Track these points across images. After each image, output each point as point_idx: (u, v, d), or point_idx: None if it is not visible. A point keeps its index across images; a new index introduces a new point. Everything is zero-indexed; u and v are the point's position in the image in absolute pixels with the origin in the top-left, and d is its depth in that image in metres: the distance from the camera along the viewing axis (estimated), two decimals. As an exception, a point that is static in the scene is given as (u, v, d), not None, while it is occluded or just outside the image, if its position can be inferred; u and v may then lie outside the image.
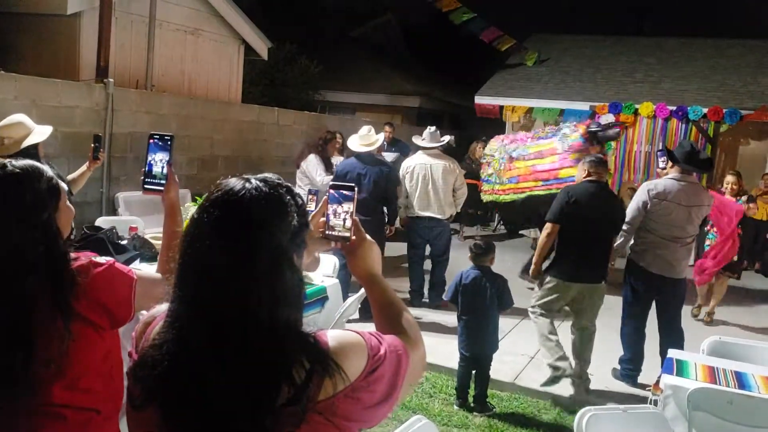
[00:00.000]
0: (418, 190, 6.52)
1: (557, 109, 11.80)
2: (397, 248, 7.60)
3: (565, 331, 5.04)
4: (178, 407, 1.07)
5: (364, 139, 6.29)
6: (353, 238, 1.38)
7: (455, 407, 4.44)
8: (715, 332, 4.94)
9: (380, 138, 6.45)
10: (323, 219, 1.40)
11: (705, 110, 10.64)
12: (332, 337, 1.12)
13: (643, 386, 4.72)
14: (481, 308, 4.40)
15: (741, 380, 3.37)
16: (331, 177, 6.65)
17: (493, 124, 12.99)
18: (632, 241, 5.00)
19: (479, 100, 12.58)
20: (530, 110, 12.08)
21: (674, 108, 10.87)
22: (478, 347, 4.44)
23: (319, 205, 1.42)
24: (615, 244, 4.81)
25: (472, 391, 4.49)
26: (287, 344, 1.07)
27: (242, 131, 9.21)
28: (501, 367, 5.04)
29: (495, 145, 7.89)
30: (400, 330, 1.27)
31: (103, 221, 5.65)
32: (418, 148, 6.84)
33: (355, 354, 1.11)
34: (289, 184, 1.20)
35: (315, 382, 1.05)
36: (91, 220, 5.90)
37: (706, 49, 13.18)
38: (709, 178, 10.89)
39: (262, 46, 11.02)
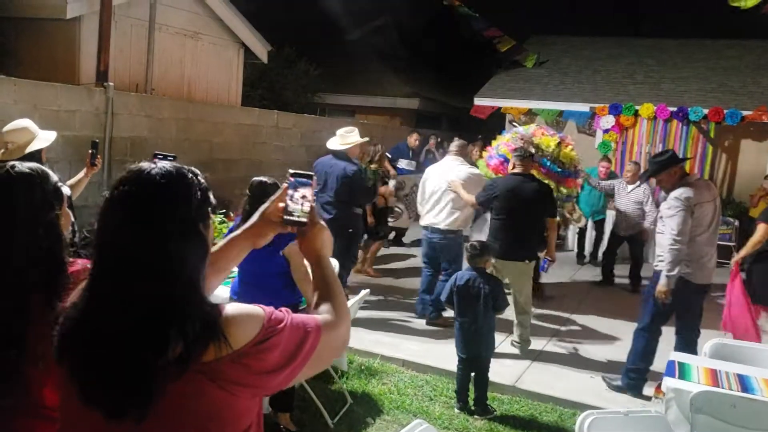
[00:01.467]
0: (420, 197, 6.32)
1: (557, 111, 11.80)
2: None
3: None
4: (80, 357, 1.21)
5: (342, 138, 6.25)
6: (308, 222, 1.49)
7: (456, 410, 4.43)
8: (717, 335, 4.93)
9: (355, 139, 6.24)
10: (282, 204, 1.51)
11: (705, 111, 10.65)
12: (229, 307, 1.23)
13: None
14: (474, 310, 4.38)
15: (744, 383, 3.36)
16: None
17: (492, 125, 12.98)
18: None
19: (478, 101, 12.57)
20: (530, 111, 12.08)
21: (675, 109, 10.87)
22: (473, 349, 4.42)
23: (279, 191, 1.54)
24: (668, 270, 4.52)
25: (472, 394, 4.48)
26: (186, 304, 1.19)
27: (242, 134, 9.21)
28: (501, 370, 5.03)
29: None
30: (326, 310, 1.38)
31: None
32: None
33: (246, 323, 1.21)
34: (194, 168, 1.33)
35: (200, 344, 1.15)
36: (92, 224, 5.89)
37: (705, 50, 13.17)
38: (709, 179, 10.90)
39: (261, 50, 11.03)
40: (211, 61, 10.25)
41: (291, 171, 1.58)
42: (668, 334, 4.81)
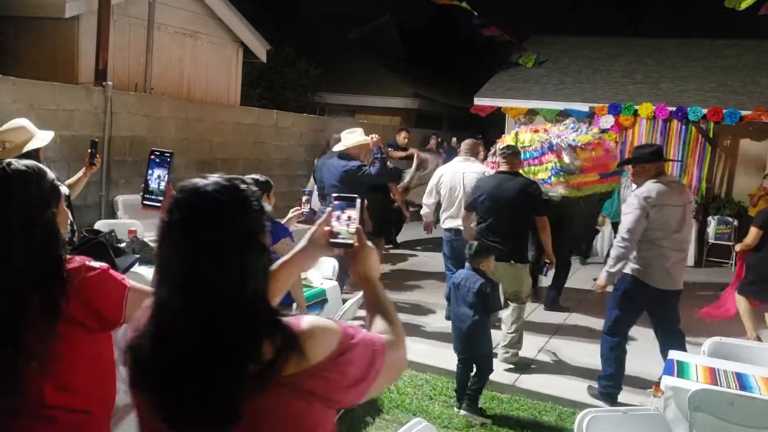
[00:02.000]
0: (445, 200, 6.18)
1: (556, 110, 11.80)
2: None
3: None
4: (157, 370, 1.20)
5: (344, 138, 6.15)
6: (356, 244, 1.51)
7: (455, 409, 4.43)
8: (715, 333, 4.93)
9: (357, 138, 6.11)
10: (327, 228, 1.54)
11: (704, 111, 10.65)
12: (306, 320, 1.25)
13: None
14: (465, 309, 4.36)
15: (742, 381, 3.36)
16: None
17: (492, 126, 12.99)
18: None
19: (478, 101, 12.57)
20: (530, 111, 12.09)
21: (674, 109, 10.87)
22: (467, 348, 4.41)
23: (324, 215, 1.56)
24: (610, 266, 4.53)
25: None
26: (258, 320, 1.20)
27: (241, 134, 9.21)
28: (501, 370, 5.04)
29: (527, 135, 7.03)
30: (384, 330, 1.41)
31: (102, 224, 5.64)
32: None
33: (323, 338, 1.23)
34: (242, 177, 1.33)
35: (282, 359, 1.17)
36: (90, 224, 5.89)
37: (704, 50, 13.18)
38: (708, 179, 10.91)
39: (260, 49, 11.03)
40: (210, 60, 10.25)
41: (335, 195, 1.62)
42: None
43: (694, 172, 10.81)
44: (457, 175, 6.09)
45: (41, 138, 3.62)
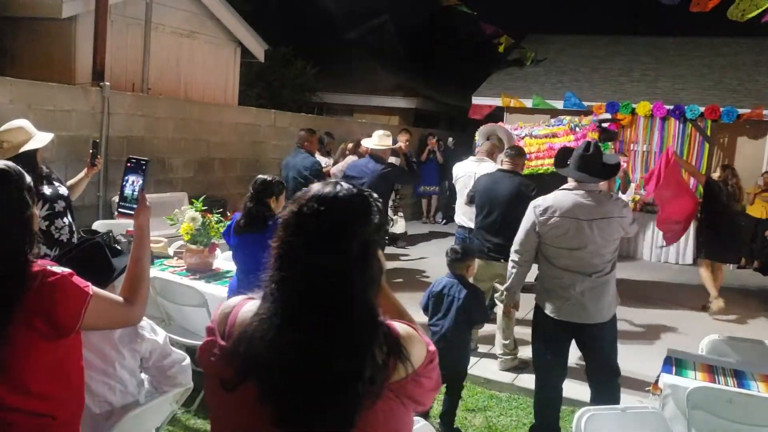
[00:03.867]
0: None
1: (554, 109, 11.80)
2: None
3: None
4: (278, 378, 1.20)
5: (379, 138, 6.46)
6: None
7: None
8: (714, 330, 4.93)
9: (388, 142, 6.45)
10: None
11: (702, 109, 10.66)
12: (400, 327, 1.29)
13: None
14: (447, 320, 3.95)
15: (740, 379, 3.36)
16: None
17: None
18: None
19: (476, 100, 12.58)
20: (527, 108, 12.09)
21: (671, 107, 10.89)
22: (448, 363, 3.91)
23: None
24: (505, 284, 4.03)
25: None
26: (375, 325, 1.24)
27: (239, 133, 9.20)
28: (500, 369, 5.04)
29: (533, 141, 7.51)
30: (411, 322, 1.40)
31: (100, 225, 5.64)
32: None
33: (418, 344, 1.28)
34: (372, 192, 1.35)
35: (391, 365, 1.21)
36: (88, 224, 5.88)
37: (702, 48, 13.19)
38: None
39: (258, 49, 11.01)
40: (208, 60, 10.24)
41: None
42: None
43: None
44: (470, 175, 6.13)
45: (39, 139, 3.62)
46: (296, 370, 1.19)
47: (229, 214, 7.27)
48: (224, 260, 4.80)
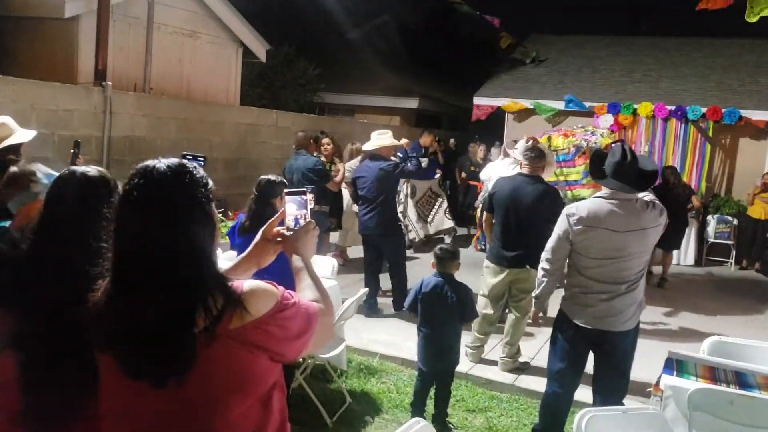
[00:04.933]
0: None
1: (555, 110, 11.80)
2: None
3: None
4: (124, 342, 1.36)
5: (375, 138, 6.45)
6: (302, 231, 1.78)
7: (451, 410, 4.42)
8: (715, 332, 4.94)
9: (388, 141, 6.43)
10: (279, 229, 1.78)
11: (704, 110, 10.66)
12: (247, 284, 1.43)
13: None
14: (440, 319, 3.99)
15: (742, 380, 3.36)
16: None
17: (491, 125, 12.99)
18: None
19: (478, 100, 12.58)
20: (528, 109, 12.10)
21: (673, 108, 10.89)
22: (437, 362, 4.04)
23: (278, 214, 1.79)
24: (534, 292, 3.94)
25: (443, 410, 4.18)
26: (205, 278, 1.37)
27: (241, 133, 9.22)
28: (501, 370, 5.04)
29: (559, 139, 7.24)
30: (316, 299, 1.61)
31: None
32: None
33: (264, 296, 1.42)
34: (195, 162, 1.56)
35: (227, 314, 1.34)
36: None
37: (704, 49, 13.18)
38: (708, 178, 10.92)
39: (260, 49, 11.03)
40: (210, 60, 10.25)
41: (286, 191, 1.80)
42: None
43: (693, 171, 10.83)
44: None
45: (21, 135, 3.62)
46: (128, 323, 1.34)
47: (230, 214, 7.29)
48: (226, 260, 4.81)
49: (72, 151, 3.97)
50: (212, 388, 1.36)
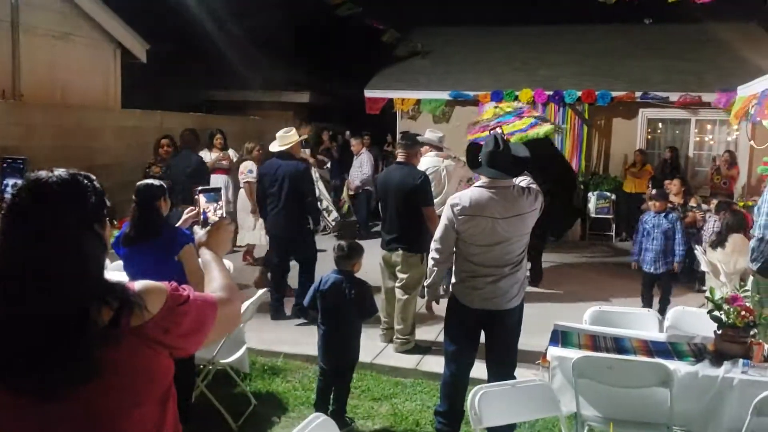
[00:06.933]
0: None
1: (443, 100, 12.10)
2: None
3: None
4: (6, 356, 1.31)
5: (281, 139, 6.28)
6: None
7: (356, 401, 4.48)
8: (599, 301, 5.28)
9: (293, 138, 6.29)
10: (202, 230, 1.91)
11: (579, 93, 11.30)
12: (138, 283, 1.46)
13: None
14: (339, 316, 4.02)
15: (619, 346, 3.64)
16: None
17: (384, 118, 13.14)
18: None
19: (368, 93, 12.69)
20: (418, 102, 12.34)
21: (551, 93, 11.46)
22: (337, 359, 4.07)
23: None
24: (426, 281, 4.11)
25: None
26: (92, 288, 1.37)
27: (124, 137, 8.84)
28: (402, 355, 5.16)
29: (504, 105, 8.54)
30: (219, 289, 1.66)
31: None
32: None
33: (155, 295, 1.44)
34: (89, 174, 1.48)
35: (126, 314, 1.37)
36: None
37: (577, 35, 13.91)
38: (587, 157, 11.59)
39: (140, 49, 10.59)
40: (86, 63, 9.72)
41: (199, 188, 1.94)
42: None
43: (574, 152, 11.49)
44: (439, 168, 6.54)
45: None
46: (19, 341, 1.30)
47: (116, 223, 6.98)
48: (113, 270, 4.61)
49: None
50: (119, 389, 1.37)
